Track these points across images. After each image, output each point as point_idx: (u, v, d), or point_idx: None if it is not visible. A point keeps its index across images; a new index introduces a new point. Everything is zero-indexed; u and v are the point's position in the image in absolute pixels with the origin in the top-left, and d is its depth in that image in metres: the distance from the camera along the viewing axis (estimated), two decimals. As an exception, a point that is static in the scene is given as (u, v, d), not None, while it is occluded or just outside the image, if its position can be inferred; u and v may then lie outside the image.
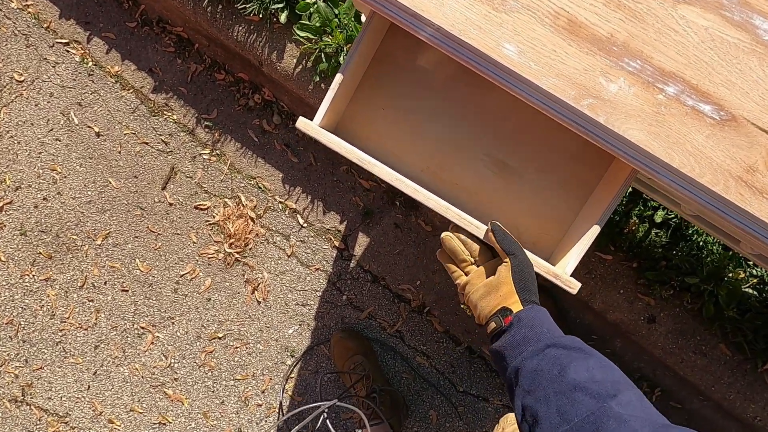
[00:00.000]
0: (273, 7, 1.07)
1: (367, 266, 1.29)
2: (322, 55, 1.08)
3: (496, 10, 0.55)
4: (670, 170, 0.54)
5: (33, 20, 1.37)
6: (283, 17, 1.08)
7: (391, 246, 1.28)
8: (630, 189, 1.03)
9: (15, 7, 1.37)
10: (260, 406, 1.33)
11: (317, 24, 1.05)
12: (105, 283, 1.36)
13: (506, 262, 0.57)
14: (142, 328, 1.35)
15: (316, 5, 1.04)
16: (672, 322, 1.06)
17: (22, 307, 1.37)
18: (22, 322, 1.37)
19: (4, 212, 1.36)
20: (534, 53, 0.54)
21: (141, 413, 1.36)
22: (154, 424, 1.35)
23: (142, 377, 1.35)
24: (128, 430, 1.35)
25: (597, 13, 0.54)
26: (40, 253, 1.36)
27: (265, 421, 1.33)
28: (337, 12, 1.04)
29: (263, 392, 1.32)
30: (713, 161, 0.53)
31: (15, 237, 1.36)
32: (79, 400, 1.37)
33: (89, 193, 1.36)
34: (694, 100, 0.53)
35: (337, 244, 1.30)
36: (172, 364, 1.35)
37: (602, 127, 0.54)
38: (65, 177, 1.36)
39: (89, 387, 1.37)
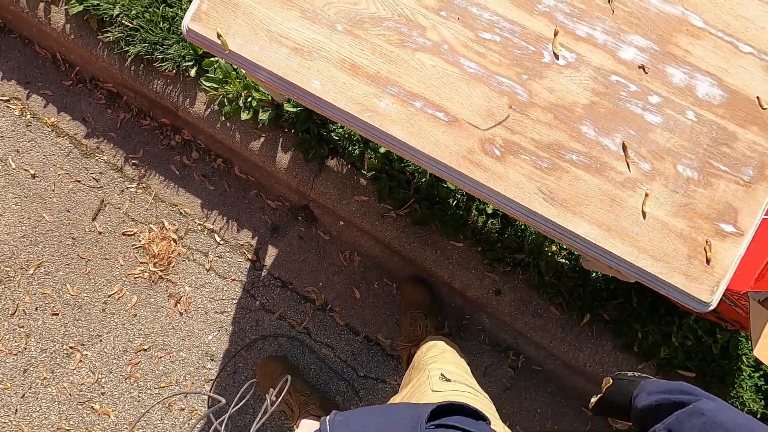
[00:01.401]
0: (184, 64, 1.35)
1: (276, 274, 1.50)
2: (225, 100, 1.35)
3: (305, 59, 0.84)
4: (423, 156, 0.82)
5: (-24, 82, 1.58)
6: (193, 72, 1.36)
7: (296, 255, 1.51)
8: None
9: (-40, 72, 1.58)
10: (183, 410, 1.45)
11: (220, 76, 1.33)
12: (36, 309, 1.49)
13: None
14: (71, 347, 1.47)
15: (218, 62, 1.33)
16: (513, 293, 1.33)
17: (-49, 340, 1.46)
18: (-50, 354, 1.45)
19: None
20: (331, 85, 0.83)
21: (68, 430, 1.44)
22: (81, 439, 1.44)
23: (70, 395, 1.45)
24: (55, 449, 1.43)
25: (368, 59, 0.84)
26: (-27, 285, 1.48)
27: (188, 424, 1.45)
28: (234, 67, 1.34)
29: (185, 397, 1.46)
30: (449, 147, 0.82)
31: (-52, 273, 1.48)
32: (6, 425, 1.44)
33: (23, 228, 1.51)
34: (432, 110, 0.83)
35: (250, 257, 1.51)
36: (99, 380, 1.46)
37: (378, 130, 0.83)
38: (1, 215, 1.51)
39: (17, 410, 1.44)
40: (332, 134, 1.35)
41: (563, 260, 1.29)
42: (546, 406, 1.45)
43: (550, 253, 1.29)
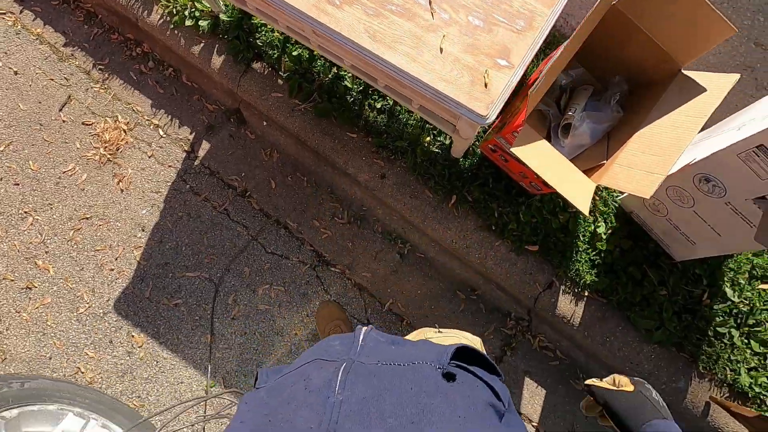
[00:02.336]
0: (145, -18, 1.67)
1: (206, 164, 1.76)
2: (174, 10, 1.66)
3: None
4: (286, 5, 1.10)
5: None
6: (151, -11, 1.68)
7: (225, 150, 1.77)
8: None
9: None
10: (113, 270, 1.67)
11: (171, -8, 1.65)
12: (1, 179, 1.74)
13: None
14: (26, 212, 1.72)
15: (171, -19, 1.65)
16: (395, 177, 1.57)
17: (-74, 200, 1.72)
18: (-77, 210, 1.71)
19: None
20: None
21: (12, 281, 1.67)
22: (22, 288, 1.66)
23: (18, 251, 1.69)
24: (1, 296, 1.65)
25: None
26: (-49, 156, 1.75)
27: (116, 282, 1.66)
28: (185, -14, 1.65)
29: (116, 259, 1.68)
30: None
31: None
32: (-40, 272, 1.67)
33: (1, 113, 1.80)
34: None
35: (186, 149, 1.78)
36: (45, 240, 1.70)
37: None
38: (-16, 102, 1.81)
39: (-29, 259, 1.68)
40: (257, 41, 1.64)
41: (436, 149, 1.54)
42: (426, 289, 1.66)
43: (425, 143, 1.54)
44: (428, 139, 1.54)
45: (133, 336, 1.63)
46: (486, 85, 1.06)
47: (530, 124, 1.29)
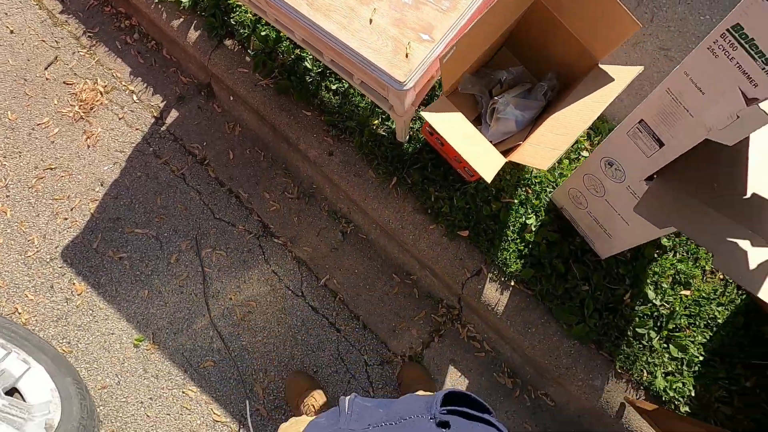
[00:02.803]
0: (138, -40, 1.82)
1: (172, 131, 1.85)
2: (160, -13, 1.80)
3: None
4: None
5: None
6: (143, -33, 1.82)
7: (191, 119, 1.86)
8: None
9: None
10: (66, 219, 1.74)
11: (160, -30, 1.79)
12: (-21, 125, 1.85)
13: None
14: (-5, 157, 1.81)
15: (161, -39, 1.79)
16: (342, 155, 1.64)
17: None
18: None
19: None
20: None
21: (-30, 219, 1.74)
22: (-22, 227, 1.73)
23: (-18, 193, 1.77)
24: (-46, 231, 1.72)
25: None
26: (-62, 100, 1.87)
27: (68, 231, 1.72)
28: (173, -34, 1.79)
29: (71, 210, 1.75)
30: None
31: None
32: (-76, 206, 1.75)
33: (-9, 67, 1.93)
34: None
35: (155, 115, 1.87)
36: (8, 185, 1.78)
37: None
38: (-23, 54, 1.94)
39: (-64, 195, 1.76)
40: (231, 20, 1.76)
41: (383, 132, 1.61)
42: (363, 269, 1.69)
43: (373, 125, 1.61)
44: (376, 122, 1.62)
45: (74, 284, 1.67)
46: (407, 56, 1.13)
47: (462, 107, 1.36)
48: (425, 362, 1.58)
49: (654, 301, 1.42)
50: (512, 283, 1.49)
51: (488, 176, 1.08)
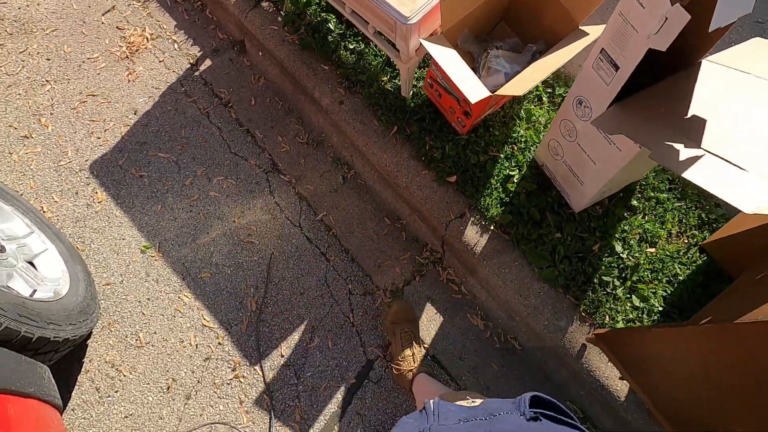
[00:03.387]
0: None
1: (203, 76, 2.07)
2: (213, -46, 2.07)
3: None
4: None
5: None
6: (201, -63, 2.11)
7: (222, 69, 2.08)
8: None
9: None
10: (99, 138, 1.93)
11: (215, -60, 2.07)
12: (38, 53, 2.09)
13: None
14: (46, 81, 2.04)
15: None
16: (351, 105, 1.82)
17: (-26, 57, 2.07)
18: (-31, 63, 2.06)
19: (0, 7, 2.17)
20: None
21: (15, 129, 1.95)
22: (21, 136, 1.93)
23: (29, 109, 1.98)
24: (1, 139, 1.92)
25: None
26: (7, 30, 2.13)
27: (99, 148, 1.91)
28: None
29: (105, 131, 1.95)
30: None
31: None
32: (-22, 114, 1.96)
33: (56, 8, 2.20)
34: None
35: (191, 61, 2.10)
36: (53, 104, 1.99)
37: None
38: (47, -3, 2.22)
39: (-10, 106, 1.98)
40: (270, -15, 2.01)
41: (390, 88, 1.79)
42: (358, 210, 1.83)
43: (382, 80, 1.80)
44: (385, 78, 1.81)
45: (96, 193, 1.84)
46: (413, -3, 1.33)
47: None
48: (404, 297, 1.69)
49: (621, 254, 1.53)
50: (491, 228, 1.62)
51: (473, 98, 1.24)
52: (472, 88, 1.26)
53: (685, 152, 0.94)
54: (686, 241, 1.56)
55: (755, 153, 0.94)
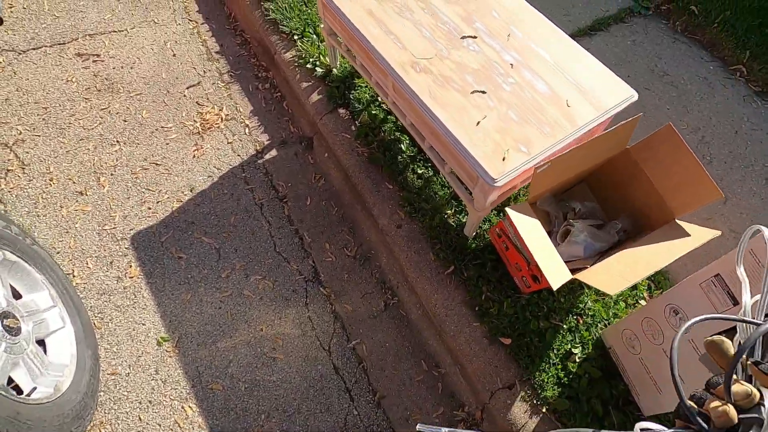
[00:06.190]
0: (294, 32, 2.22)
1: (266, 165, 2.05)
2: (303, 56, 2.15)
3: None
4: (380, 57, 1.45)
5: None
6: (296, 36, 2.21)
7: (286, 162, 2.07)
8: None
9: None
10: (149, 209, 1.90)
11: (308, 44, 2.16)
12: (117, 113, 2.16)
13: None
14: (117, 141, 2.07)
15: (307, 31, 2.17)
16: (409, 231, 1.73)
17: (59, 103, 2.15)
18: (52, 109, 2.13)
19: (96, 65, 2.29)
20: (355, 13, 1.55)
21: (74, 183, 1.95)
22: (76, 191, 1.92)
23: (92, 165, 2.00)
24: (57, 190, 1.92)
25: (377, 9, 1.56)
26: (96, 86, 2.23)
27: (147, 219, 1.87)
28: (320, 46, 2.16)
29: (157, 203, 1.92)
30: (394, 57, 1.44)
31: (90, 80, 2.25)
32: (43, 161, 1.99)
33: (148, 73, 2.30)
34: (396, 40, 1.49)
35: (258, 149, 2.10)
36: (116, 165, 2.00)
37: (362, 35, 1.49)
38: (141, 63, 2.33)
39: (57, 156, 2.00)
40: (350, 95, 2.04)
41: (452, 222, 1.70)
42: (395, 345, 1.67)
43: (445, 213, 1.72)
44: (449, 211, 1.73)
45: (131, 266, 1.77)
46: (504, 159, 1.27)
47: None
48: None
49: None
50: (544, 410, 1.41)
51: (555, 284, 1.12)
52: (555, 273, 1.14)
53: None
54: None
55: None
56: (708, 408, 0.51)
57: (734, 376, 0.53)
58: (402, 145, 1.88)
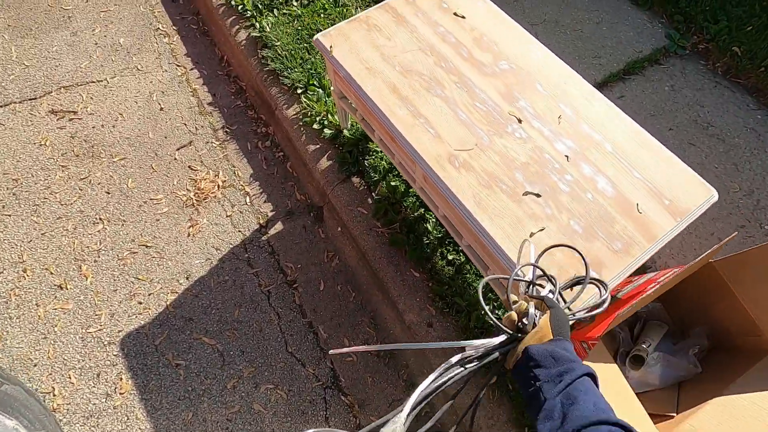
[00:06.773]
0: (297, 84, 1.97)
1: (271, 242, 1.82)
2: (310, 113, 1.90)
3: (370, 73, 1.34)
4: (411, 149, 1.22)
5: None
6: (299, 91, 1.97)
7: (294, 237, 1.84)
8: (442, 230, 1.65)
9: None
10: (140, 304, 1.66)
11: (314, 99, 1.92)
12: (99, 183, 1.90)
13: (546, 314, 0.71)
14: (100, 219, 1.82)
15: (316, 88, 1.93)
16: (442, 330, 1.51)
17: (31, 173, 1.89)
18: (24, 181, 1.87)
19: (73, 124, 2.03)
20: (377, 91, 1.31)
21: (51, 274, 1.70)
22: (55, 284, 1.67)
23: (73, 250, 1.75)
24: (32, 283, 1.67)
25: (404, 87, 1.33)
26: (74, 151, 1.96)
27: (138, 316, 1.63)
28: (325, 92, 1.92)
29: (149, 295, 1.68)
30: (429, 151, 1.22)
31: (67, 143, 1.99)
32: (14, 247, 1.73)
33: (133, 132, 2.04)
34: (428, 127, 1.26)
35: (261, 222, 1.87)
36: (100, 250, 1.76)
37: (389, 122, 1.26)
38: (124, 119, 2.07)
39: (31, 240, 1.75)
40: (365, 161, 1.81)
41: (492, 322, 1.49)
42: (428, 464, 1.46)
43: (482, 312, 1.51)
44: (489, 306, 1.52)
45: (121, 379, 1.54)
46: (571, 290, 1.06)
47: (600, 340, 1.24)
48: None
49: None
50: None
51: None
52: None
53: None
54: None
55: None
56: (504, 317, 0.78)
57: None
58: (428, 225, 1.66)
